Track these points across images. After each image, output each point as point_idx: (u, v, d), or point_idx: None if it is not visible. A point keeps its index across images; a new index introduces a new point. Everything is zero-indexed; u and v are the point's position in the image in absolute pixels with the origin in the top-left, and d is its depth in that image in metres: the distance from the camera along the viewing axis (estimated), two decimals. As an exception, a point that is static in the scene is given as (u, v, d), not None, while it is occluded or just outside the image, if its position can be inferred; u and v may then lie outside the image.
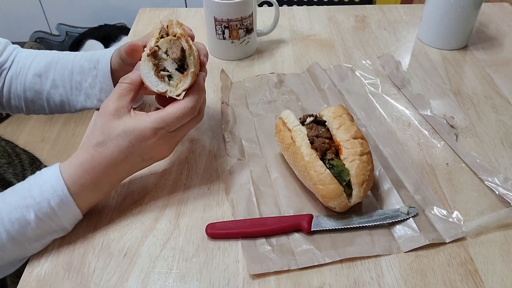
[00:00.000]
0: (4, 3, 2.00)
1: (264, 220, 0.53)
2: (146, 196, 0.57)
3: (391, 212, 0.53)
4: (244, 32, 0.79)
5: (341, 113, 0.55)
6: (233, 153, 0.62)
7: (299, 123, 0.56)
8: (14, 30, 2.07)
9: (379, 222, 0.52)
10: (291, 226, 0.52)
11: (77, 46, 1.98)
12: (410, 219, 0.52)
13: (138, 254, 0.50)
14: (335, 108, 0.56)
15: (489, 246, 0.51)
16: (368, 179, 0.51)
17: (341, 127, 0.54)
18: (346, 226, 0.52)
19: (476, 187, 0.57)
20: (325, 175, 0.50)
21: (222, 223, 0.53)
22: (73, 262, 0.50)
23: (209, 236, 0.52)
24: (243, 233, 0.52)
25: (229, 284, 0.47)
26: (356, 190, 0.51)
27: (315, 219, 0.52)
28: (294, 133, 0.55)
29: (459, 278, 0.48)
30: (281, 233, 0.52)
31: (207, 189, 0.58)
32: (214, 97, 0.73)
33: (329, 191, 0.50)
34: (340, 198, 0.50)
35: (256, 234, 0.51)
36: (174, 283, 0.48)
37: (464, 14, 0.78)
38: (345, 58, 0.81)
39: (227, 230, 0.52)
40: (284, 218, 0.53)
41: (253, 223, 0.52)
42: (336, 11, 0.96)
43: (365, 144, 0.53)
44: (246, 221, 0.53)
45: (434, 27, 0.82)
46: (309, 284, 0.47)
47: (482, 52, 0.82)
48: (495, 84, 0.74)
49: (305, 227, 0.51)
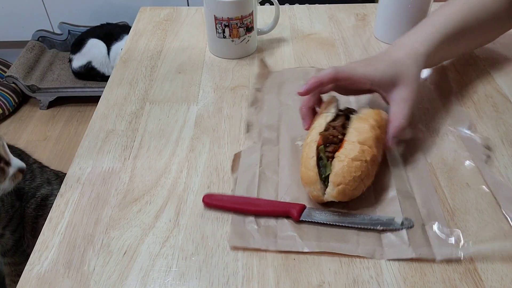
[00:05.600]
0: (7, 2, 2.00)
1: (257, 201, 0.55)
2: (146, 194, 0.57)
3: (385, 219, 0.52)
4: (245, 31, 0.79)
5: (370, 118, 0.55)
6: (250, 136, 0.64)
7: (333, 110, 0.57)
8: (16, 29, 2.07)
9: (370, 226, 0.51)
10: (281, 212, 0.53)
11: (79, 45, 1.99)
12: (403, 230, 0.51)
13: (137, 252, 0.51)
14: (373, 112, 0.56)
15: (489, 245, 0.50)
16: (347, 183, 0.51)
17: (357, 129, 0.54)
18: (335, 223, 0.52)
19: (490, 213, 0.53)
20: (311, 160, 0.52)
21: (219, 195, 0.56)
22: (73, 260, 0.50)
23: (205, 205, 0.55)
24: (236, 208, 0.54)
25: (229, 283, 0.48)
26: (330, 187, 0.51)
27: (307, 210, 0.53)
28: (319, 117, 0.56)
29: (458, 276, 0.48)
30: (271, 216, 0.53)
31: (207, 187, 0.58)
32: (214, 96, 0.73)
33: (306, 175, 0.53)
34: (312, 187, 0.52)
35: (247, 212, 0.54)
36: (174, 281, 0.48)
37: (416, 8, 0.78)
38: (345, 56, 0.81)
39: (222, 203, 0.55)
40: (277, 203, 0.54)
41: (247, 201, 0.55)
42: (336, 10, 0.96)
43: (367, 152, 0.52)
44: (241, 198, 0.55)
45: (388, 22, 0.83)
46: (308, 283, 0.47)
47: (482, 52, 0.81)
48: (496, 83, 0.74)
49: (294, 215, 0.52)
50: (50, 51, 2.16)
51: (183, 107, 0.71)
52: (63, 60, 2.14)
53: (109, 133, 0.66)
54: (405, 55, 0.61)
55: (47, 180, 1.03)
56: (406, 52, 0.61)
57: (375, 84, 0.59)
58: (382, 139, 0.56)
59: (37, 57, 2.08)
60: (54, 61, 2.13)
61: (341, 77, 0.58)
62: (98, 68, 1.99)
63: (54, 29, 2.13)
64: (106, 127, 0.68)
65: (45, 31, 2.12)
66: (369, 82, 0.59)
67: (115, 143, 0.65)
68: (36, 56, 2.08)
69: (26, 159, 1.03)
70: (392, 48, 0.63)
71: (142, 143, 0.65)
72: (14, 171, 0.80)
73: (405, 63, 0.60)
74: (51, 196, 1.01)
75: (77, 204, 0.56)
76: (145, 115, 0.70)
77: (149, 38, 0.88)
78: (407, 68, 0.59)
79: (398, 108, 0.58)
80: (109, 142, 0.65)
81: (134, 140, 0.65)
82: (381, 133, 0.56)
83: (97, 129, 0.67)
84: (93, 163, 0.62)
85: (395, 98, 0.59)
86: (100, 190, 0.58)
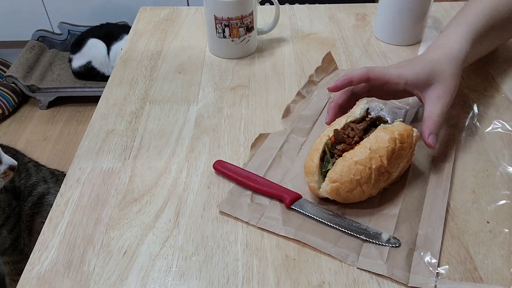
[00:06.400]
0: (7, 2, 2.00)
1: (259, 178, 0.57)
2: (146, 194, 0.57)
3: (372, 231, 0.51)
4: (245, 31, 0.79)
5: (395, 130, 0.53)
6: (285, 122, 0.66)
7: (359, 112, 0.57)
8: (16, 29, 2.07)
9: (354, 233, 0.51)
10: (275, 195, 0.55)
11: (79, 44, 1.99)
12: (386, 246, 0.50)
13: (137, 252, 0.51)
14: (403, 126, 0.54)
15: (489, 244, 0.50)
16: (343, 183, 0.51)
17: (376, 137, 0.53)
18: (322, 220, 0.52)
19: (493, 255, 0.49)
20: (316, 152, 0.53)
21: (229, 164, 0.59)
22: (73, 260, 0.50)
23: (214, 170, 0.59)
24: (237, 180, 0.57)
25: (228, 283, 0.48)
26: (325, 182, 0.52)
27: (301, 201, 0.54)
28: (346, 115, 0.57)
29: (458, 276, 0.47)
30: (267, 197, 0.55)
31: (207, 187, 0.58)
32: (214, 95, 0.73)
33: (308, 165, 0.54)
34: (310, 177, 0.53)
35: (247, 186, 0.56)
36: (174, 282, 0.48)
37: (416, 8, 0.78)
38: (345, 57, 0.81)
39: (228, 171, 0.58)
40: (275, 186, 0.56)
41: (249, 176, 0.57)
42: (336, 10, 0.96)
43: (375, 160, 0.51)
44: (246, 172, 0.58)
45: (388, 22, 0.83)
46: (308, 283, 0.47)
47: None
48: (496, 83, 0.74)
49: (286, 201, 0.54)
50: (50, 51, 2.16)
51: (183, 107, 0.71)
52: (63, 60, 2.14)
53: (109, 133, 0.66)
54: (441, 55, 0.60)
55: (43, 179, 1.03)
56: (442, 52, 0.60)
57: (410, 83, 0.58)
58: (402, 155, 0.53)
59: (37, 57, 2.08)
60: (54, 61, 2.13)
61: (373, 76, 0.58)
62: (98, 68, 1.99)
63: (54, 29, 2.13)
64: (106, 127, 0.68)
65: (45, 31, 2.12)
66: (403, 81, 0.58)
67: (115, 143, 0.65)
68: (36, 56, 2.08)
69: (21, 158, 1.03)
70: (429, 49, 0.63)
71: (142, 143, 0.64)
72: (5, 168, 0.80)
73: (441, 62, 0.59)
74: (47, 195, 1.01)
75: (77, 204, 0.56)
76: (145, 115, 0.70)
77: (149, 38, 0.88)
78: (443, 67, 0.59)
79: (433, 107, 0.57)
80: (109, 142, 0.65)
81: (134, 140, 0.65)
82: (402, 149, 0.53)
83: (97, 129, 0.67)
84: (93, 163, 0.62)
85: (430, 96, 0.58)
86: (100, 190, 0.58)
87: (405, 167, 0.56)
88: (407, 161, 0.55)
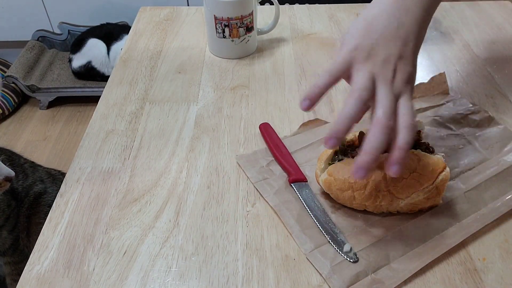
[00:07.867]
0: (7, 2, 2.00)
1: (284, 150, 0.61)
2: (145, 194, 0.57)
3: (339, 238, 0.50)
4: (244, 31, 0.79)
5: (420, 161, 0.50)
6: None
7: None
8: (16, 29, 2.07)
9: (323, 231, 0.51)
10: (286, 169, 0.59)
11: (79, 44, 1.98)
12: (342, 256, 0.49)
13: (137, 252, 0.51)
14: (435, 159, 0.51)
15: (488, 244, 0.50)
16: (336, 179, 0.52)
17: None
18: (306, 207, 0.54)
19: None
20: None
21: (272, 130, 0.64)
22: (72, 260, 0.50)
23: (260, 130, 0.65)
24: (268, 144, 0.62)
25: (228, 283, 0.48)
26: (324, 173, 0.54)
27: (303, 184, 0.57)
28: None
29: (458, 276, 0.47)
30: (282, 168, 0.59)
31: (207, 187, 0.58)
32: (214, 95, 0.73)
33: (323, 152, 0.56)
34: (319, 163, 0.55)
35: (272, 152, 0.61)
36: (173, 281, 0.48)
37: None
38: (345, 56, 0.81)
39: (266, 135, 0.63)
40: (290, 161, 0.59)
41: (278, 145, 0.62)
42: (337, 9, 0.96)
43: (377, 175, 0.50)
44: (279, 141, 0.62)
45: None
46: (308, 283, 0.47)
47: (482, 51, 0.81)
48: (496, 83, 0.74)
49: (289, 178, 0.57)
50: (50, 51, 2.16)
51: (183, 107, 0.71)
52: (63, 60, 2.14)
53: (109, 133, 0.66)
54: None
55: (40, 179, 1.03)
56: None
57: None
58: (415, 186, 0.50)
59: (37, 57, 2.08)
60: (54, 61, 2.13)
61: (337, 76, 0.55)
62: (98, 68, 1.99)
63: (54, 29, 2.13)
64: (106, 127, 0.68)
65: (45, 31, 2.12)
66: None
67: (115, 143, 0.65)
68: (36, 56, 2.07)
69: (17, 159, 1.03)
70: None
71: (142, 143, 0.64)
72: (1, 179, 0.79)
73: None
74: (44, 194, 1.01)
75: (77, 204, 0.56)
76: (145, 115, 0.70)
77: (149, 38, 0.88)
78: None
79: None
80: (109, 142, 0.65)
81: (134, 140, 0.65)
82: (418, 181, 0.50)
83: (97, 129, 0.67)
84: (93, 163, 0.62)
85: None
86: (100, 190, 0.58)
87: (423, 203, 0.52)
88: (427, 197, 0.51)
